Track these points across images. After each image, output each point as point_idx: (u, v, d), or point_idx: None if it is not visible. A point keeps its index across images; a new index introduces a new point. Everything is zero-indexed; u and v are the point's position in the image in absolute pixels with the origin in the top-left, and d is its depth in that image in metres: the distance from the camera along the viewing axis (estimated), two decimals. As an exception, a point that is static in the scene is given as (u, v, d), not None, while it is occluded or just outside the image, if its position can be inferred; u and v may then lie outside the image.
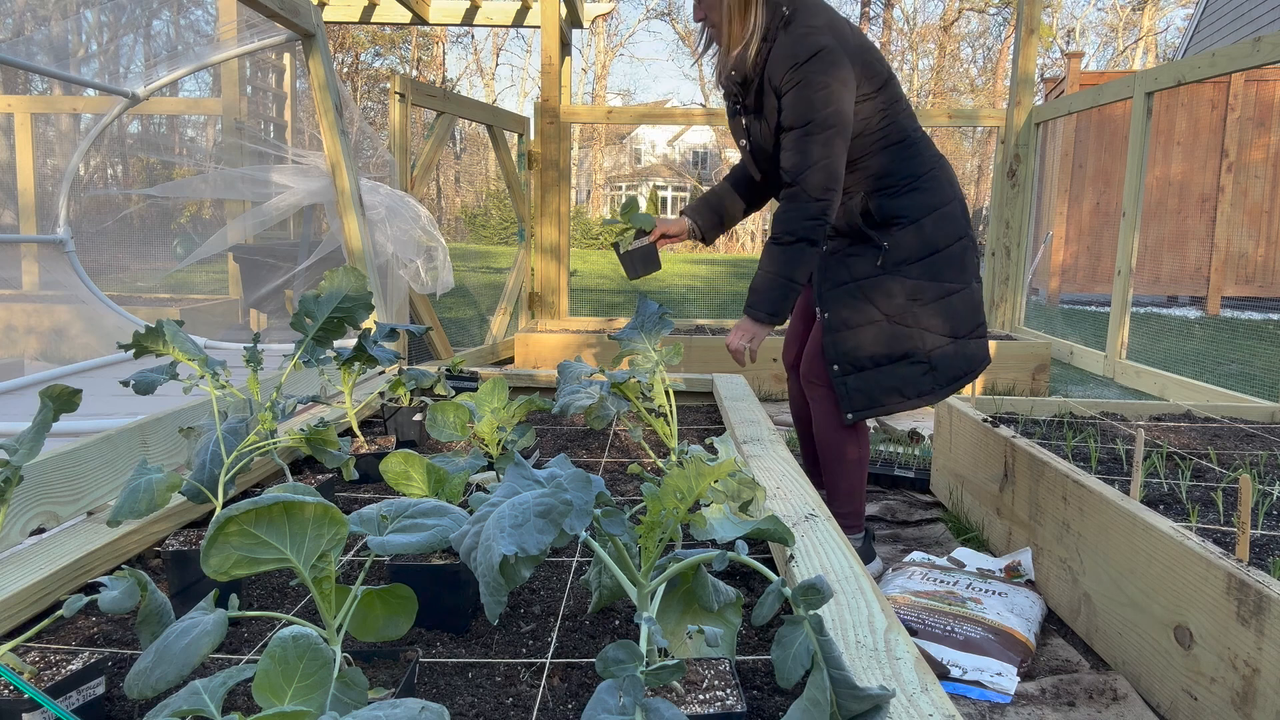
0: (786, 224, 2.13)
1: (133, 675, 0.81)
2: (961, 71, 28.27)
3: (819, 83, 2.06)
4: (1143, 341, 6.85)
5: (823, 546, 1.34)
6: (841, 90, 2.08)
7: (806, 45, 2.07)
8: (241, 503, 0.79)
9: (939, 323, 2.25)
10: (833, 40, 2.09)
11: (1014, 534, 2.49)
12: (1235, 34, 12.30)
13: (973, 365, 2.32)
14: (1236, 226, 9.68)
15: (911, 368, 2.26)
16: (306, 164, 4.72)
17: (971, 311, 2.30)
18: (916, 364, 2.26)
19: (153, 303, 5.19)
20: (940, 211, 2.25)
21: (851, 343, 2.25)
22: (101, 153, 5.59)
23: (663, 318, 1.89)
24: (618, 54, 33.44)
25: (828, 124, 2.07)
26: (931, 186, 2.25)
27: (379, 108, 24.05)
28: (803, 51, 2.07)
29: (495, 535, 0.81)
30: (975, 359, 2.32)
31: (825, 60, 2.06)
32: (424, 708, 0.68)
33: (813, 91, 2.06)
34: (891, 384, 2.26)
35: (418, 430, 2.10)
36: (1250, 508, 1.66)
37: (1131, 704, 1.73)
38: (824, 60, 2.06)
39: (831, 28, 2.13)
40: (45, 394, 1.12)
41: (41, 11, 4.75)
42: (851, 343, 2.25)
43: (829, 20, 2.16)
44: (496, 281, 7.24)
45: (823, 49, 2.06)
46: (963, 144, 26.14)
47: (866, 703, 0.76)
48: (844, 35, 2.15)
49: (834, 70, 2.07)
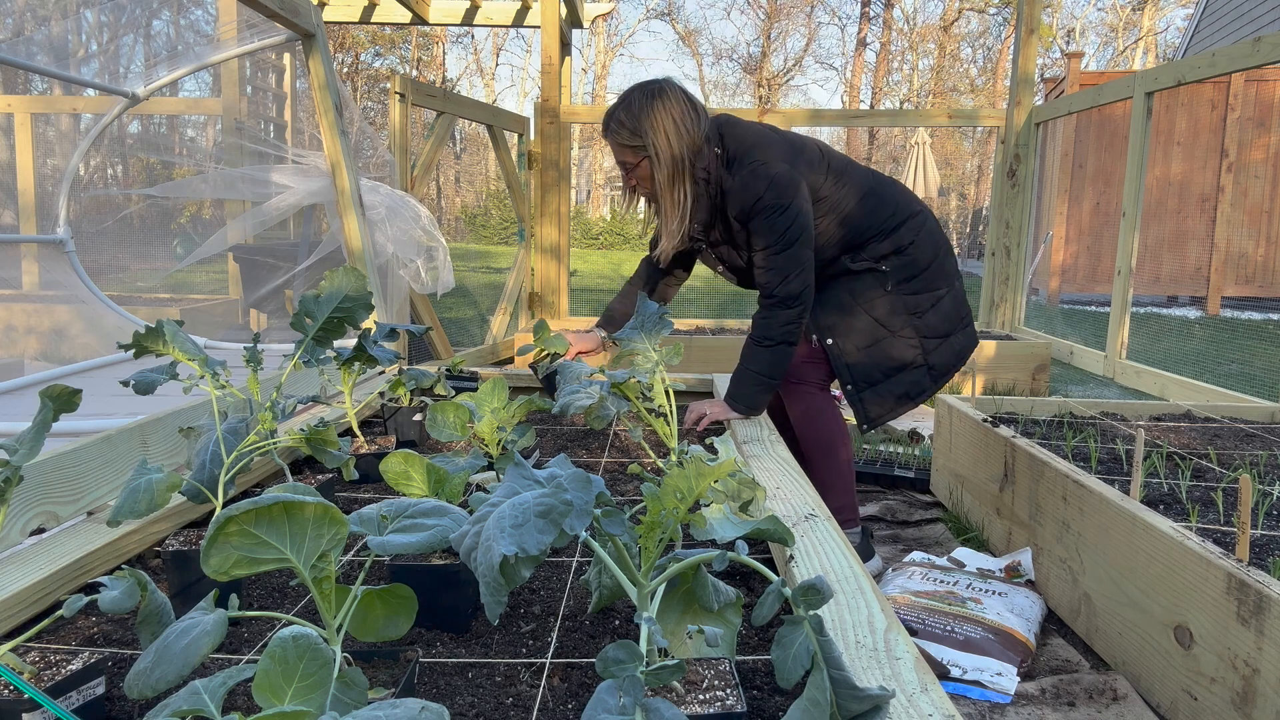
0: (767, 329, 2.25)
1: (133, 675, 0.81)
2: (961, 71, 28.27)
3: (779, 206, 2.19)
4: (1143, 341, 6.85)
5: (822, 546, 1.34)
6: (802, 205, 2.23)
7: (760, 178, 2.21)
8: (241, 503, 0.79)
9: (934, 325, 2.43)
10: (781, 165, 2.23)
11: (1014, 534, 2.49)
12: (1235, 34, 12.30)
13: (961, 356, 2.49)
14: (1236, 226, 9.68)
15: (914, 373, 2.43)
16: (306, 164, 4.72)
17: (958, 308, 2.48)
18: (917, 369, 2.43)
19: (153, 303, 5.19)
20: (926, 232, 2.43)
21: (864, 361, 2.40)
22: (101, 153, 5.59)
23: (663, 318, 1.89)
24: (618, 54, 33.44)
25: (794, 239, 2.21)
26: (897, 221, 2.41)
27: (379, 108, 24.05)
28: (758, 185, 2.21)
29: (495, 535, 0.81)
30: (965, 349, 2.50)
31: (780, 185, 2.21)
32: (424, 708, 0.68)
33: (776, 216, 2.20)
34: (901, 391, 2.42)
35: (418, 430, 2.10)
36: (1250, 508, 1.66)
37: (1131, 704, 1.73)
38: (779, 185, 2.20)
39: (769, 148, 2.27)
40: (45, 394, 1.12)
41: (41, 11, 4.75)
42: (864, 361, 2.40)
43: (760, 141, 2.28)
44: (496, 281, 7.24)
45: (775, 176, 2.21)
46: (963, 144, 26.14)
47: (866, 703, 0.76)
48: (780, 149, 2.29)
49: (789, 190, 2.21)
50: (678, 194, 2.24)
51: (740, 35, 51.47)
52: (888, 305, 2.38)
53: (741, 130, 2.31)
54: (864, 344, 2.39)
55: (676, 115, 2.19)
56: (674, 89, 2.24)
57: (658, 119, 2.18)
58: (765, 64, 30.00)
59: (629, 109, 2.20)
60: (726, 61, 43.08)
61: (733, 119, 2.37)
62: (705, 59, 35.97)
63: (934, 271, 2.42)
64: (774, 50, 30.48)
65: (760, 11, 30.10)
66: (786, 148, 2.31)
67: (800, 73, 44.76)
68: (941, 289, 2.43)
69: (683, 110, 2.20)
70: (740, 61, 32.10)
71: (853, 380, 2.40)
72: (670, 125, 2.18)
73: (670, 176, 2.22)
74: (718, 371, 3.35)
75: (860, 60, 28.49)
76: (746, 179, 2.21)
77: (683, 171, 2.22)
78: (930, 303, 2.41)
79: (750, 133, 2.30)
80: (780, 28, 30.07)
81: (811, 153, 2.37)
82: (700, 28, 52.46)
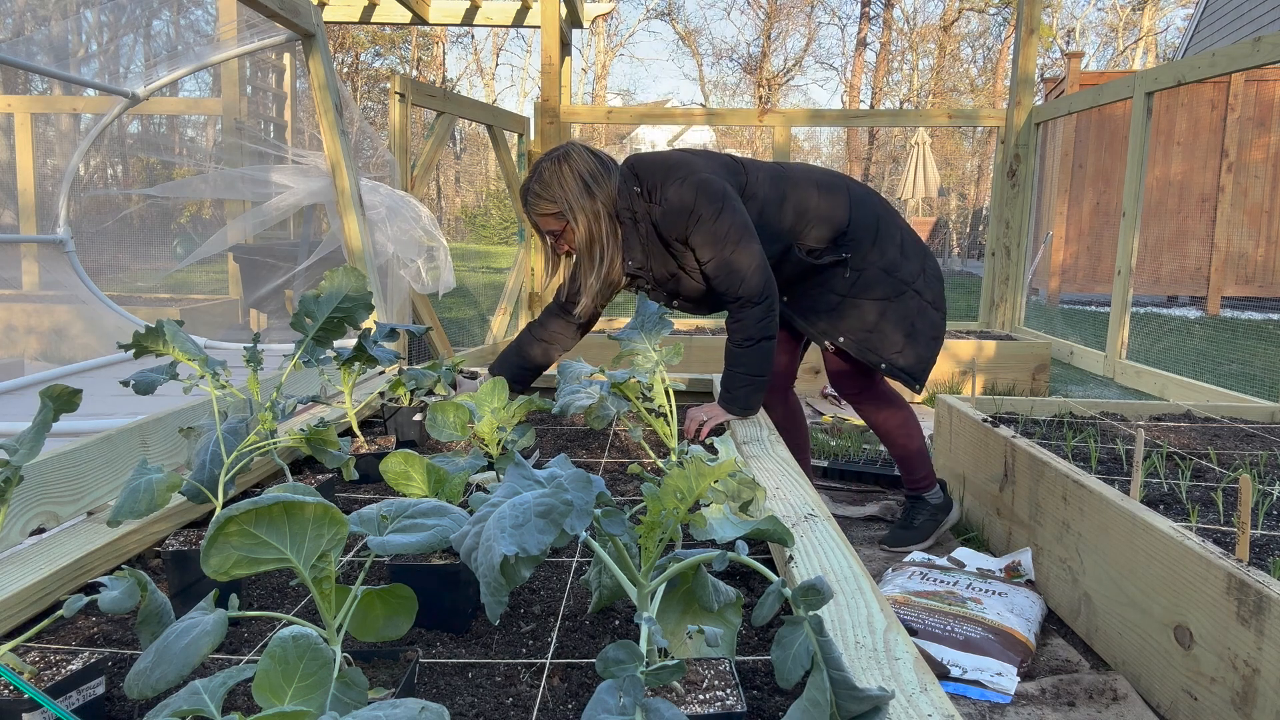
0: (743, 331, 2.25)
1: (133, 675, 0.81)
2: (961, 71, 28.26)
3: (713, 211, 2.22)
4: (1143, 341, 6.84)
5: (822, 547, 1.34)
6: (734, 204, 2.26)
7: (687, 189, 2.23)
8: (241, 503, 0.79)
9: (911, 268, 2.53)
10: (702, 173, 2.26)
11: (1014, 534, 2.49)
12: (1235, 34, 12.30)
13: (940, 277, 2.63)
14: (1236, 226, 9.68)
15: (922, 317, 2.52)
16: (306, 164, 4.72)
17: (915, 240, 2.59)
18: (923, 312, 2.52)
19: (153, 303, 5.20)
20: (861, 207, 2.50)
21: (880, 338, 2.48)
22: (101, 153, 5.59)
23: (663, 318, 1.89)
24: (618, 54, 33.42)
25: (737, 238, 2.23)
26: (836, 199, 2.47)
27: (379, 108, 24.05)
28: (687, 197, 2.23)
29: (496, 535, 0.81)
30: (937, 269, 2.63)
31: (708, 189, 2.23)
32: (424, 708, 0.68)
33: (713, 221, 2.22)
34: (926, 338, 2.52)
35: (418, 430, 2.10)
36: (1250, 508, 1.66)
37: (1131, 704, 1.73)
38: (707, 191, 2.23)
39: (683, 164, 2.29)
40: (45, 394, 1.12)
41: (41, 11, 4.75)
42: (880, 338, 2.48)
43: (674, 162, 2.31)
44: (496, 281, 7.24)
45: (699, 183, 2.23)
46: (963, 144, 26.14)
47: (866, 703, 0.76)
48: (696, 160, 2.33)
49: (717, 193, 2.24)
50: (598, 249, 2.28)
51: (740, 35, 51.49)
52: (865, 281, 2.46)
53: (651, 161, 2.34)
54: (870, 325, 2.47)
55: (585, 172, 2.24)
56: (578, 150, 2.31)
57: (567, 181, 2.24)
58: (765, 64, 29.99)
59: (540, 179, 2.27)
60: (726, 61, 43.06)
61: (641, 155, 2.39)
62: (705, 59, 35.98)
63: (884, 226, 2.51)
64: (774, 50, 30.48)
65: (760, 11, 30.10)
66: (702, 158, 2.37)
67: (800, 73, 44.74)
68: (895, 234, 2.52)
69: (591, 166, 2.26)
70: (740, 61, 32.09)
71: (882, 359, 2.49)
72: (579, 185, 2.24)
73: (589, 233, 2.26)
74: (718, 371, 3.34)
75: (860, 60, 28.49)
76: (673, 198, 2.24)
77: (601, 224, 2.26)
78: (896, 251, 2.50)
79: (660, 160, 2.34)
80: (780, 28, 30.07)
81: (723, 159, 2.44)
82: (700, 28, 52.39)
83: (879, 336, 2.48)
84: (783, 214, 2.42)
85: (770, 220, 2.39)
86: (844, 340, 2.49)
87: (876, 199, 2.58)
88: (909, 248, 2.55)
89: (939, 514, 2.74)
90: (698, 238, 2.24)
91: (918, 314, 2.51)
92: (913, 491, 2.76)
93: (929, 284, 2.56)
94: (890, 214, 2.59)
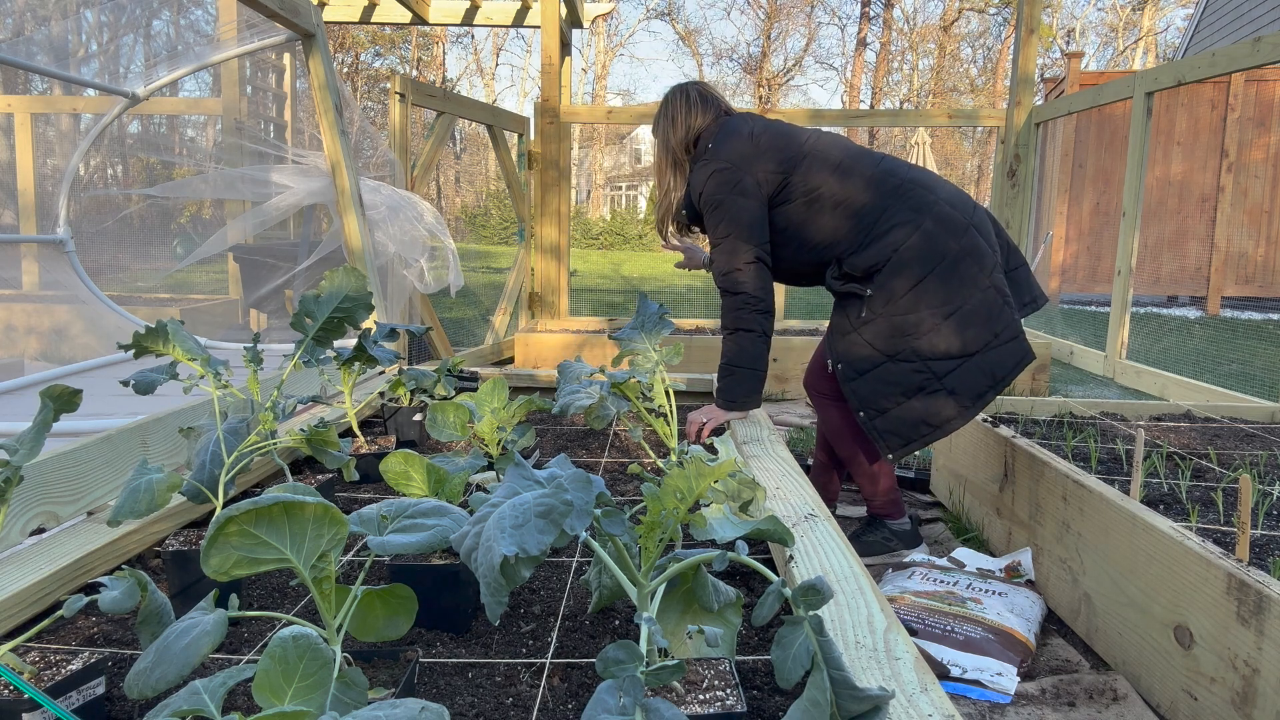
0: (723, 317, 2.35)
1: (133, 675, 0.81)
2: (961, 71, 28.26)
3: (715, 200, 2.31)
4: (1143, 341, 6.84)
5: (822, 547, 1.34)
6: (738, 200, 2.30)
7: (703, 172, 2.34)
8: (241, 503, 0.79)
9: (945, 348, 2.19)
10: (724, 161, 2.32)
11: (1014, 534, 2.49)
12: (1235, 34, 12.30)
13: (998, 375, 2.23)
14: (1236, 226, 9.68)
15: (930, 399, 2.21)
16: (306, 164, 4.71)
17: (985, 322, 2.20)
18: (933, 394, 2.21)
19: (153, 303, 5.19)
20: (910, 245, 2.20)
21: (867, 388, 2.25)
22: (101, 153, 5.59)
23: (663, 318, 1.89)
24: (618, 54, 33.42)
25: (728, 233, 2.29)
26: (894, 224, 2.23)
27: (379, 108, 24.05)
28: (700, 180, 2.34)
29: (496, 535, 0.81)
30: (1001, 366, 2.23)
31: (718, 179, 2.30)
32: (424, 708, 0.68)
33: (713, 209, 2.32)
34: (916, 417, 2.22)
35: (418, 430, 2.10)
36: (1250, 508, 1.66)
37: (1131, 704, 1.73)
38: (716, 179, 2.30)
39: (723, 145, 2.34)
40: (45, 394, 1.12)
41: (41, 11, 4.75)
42: (867, 388, 2.25)
43: (723, 137, 2.36)
44: (497, 281, 7.23)
45: (713, 171, 2.31)
46: (963, 144, 26.15)
47: (866, 703, 0.76)
48: (736, 145, 2.33)
49: (725, 185, 2.30)
50: (665, 182, 2.45)
51: (740, 35, 51.49)
52: (875, 329, 2.22)
53: (727, 126, 2.39)
54: (864, 369, 2.25)
55: (675, 111, 2.42)
56: (685, 88, 2.47)
57: (662, 114, 2.45)
58: (765, 64, 29.98)
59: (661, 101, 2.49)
60: (726, 61, 43.08)
61: (729, 120, 2.41)
62: (705, 59, 35.95)
63: (937, 283, 2.18)
64: (774, 50, 30.47)
65: (760, 11, 30.09)
66: (745, 143, 2.33)
67: (800, 73, 44.69)
68: (949, 303, 2.18)
69: (685, 107, 2.41)
70: (740, 61, 32.09)
71: (861, 407, 2.26)
72: (665, 121, 2.43)
73: (658, 164, 2.46)
74: (718, 371, 3.33)
75: (860, 60, 28.48)
76: (698, 173, 2.36)
77: (665, 158, 2.44)
78: (935, 320, 2.17)
79: (725, 129, 2.38)
80: (780, 28, 30.06)
81: (789, 147, 2.32)
82: (700, 28, 52.41)
83: (866, 386, 2.25)
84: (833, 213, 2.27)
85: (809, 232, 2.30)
86: (838, 370, 2.31)
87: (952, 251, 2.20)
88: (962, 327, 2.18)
89: (895, 541, 2.52)
90: (706, 219, 2.35)
91: (922, 392, 2.21)
92: (874, 514, 2.56)
93: (964, 376, 2.20)
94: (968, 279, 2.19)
